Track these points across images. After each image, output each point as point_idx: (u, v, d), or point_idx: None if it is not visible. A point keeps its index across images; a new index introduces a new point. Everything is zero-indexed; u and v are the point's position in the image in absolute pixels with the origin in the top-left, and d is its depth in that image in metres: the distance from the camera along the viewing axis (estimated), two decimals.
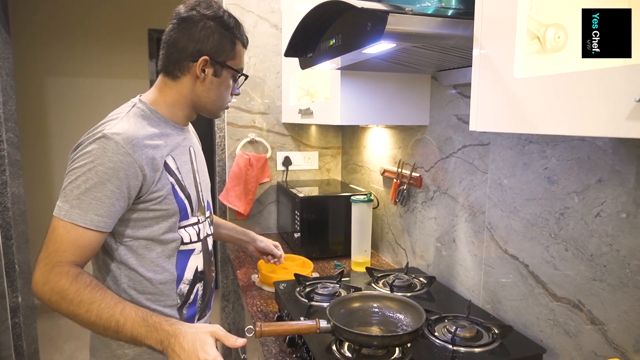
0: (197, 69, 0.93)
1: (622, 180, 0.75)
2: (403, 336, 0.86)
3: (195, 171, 1.03)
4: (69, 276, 0.80)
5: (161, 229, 0.92)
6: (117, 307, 0.80)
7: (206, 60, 0.93)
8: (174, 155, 0.95)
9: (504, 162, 1.03)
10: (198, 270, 1.02)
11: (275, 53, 2.00)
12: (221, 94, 0.99)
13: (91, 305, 0.79)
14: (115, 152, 0.82)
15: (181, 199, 0.95)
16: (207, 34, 0.93)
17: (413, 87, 1.32)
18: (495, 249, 1.07)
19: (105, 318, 0.79)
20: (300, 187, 1.86)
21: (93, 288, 0.81)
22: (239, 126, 2.01)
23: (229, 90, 1.01)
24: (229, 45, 0.96)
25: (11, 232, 2.06)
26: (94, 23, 3.29)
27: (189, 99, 0.98)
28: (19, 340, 2.14)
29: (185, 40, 0.93)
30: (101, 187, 0.81)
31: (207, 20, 0.93)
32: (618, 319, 0.77)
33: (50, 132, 3.29)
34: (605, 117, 0.47)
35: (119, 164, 0.82)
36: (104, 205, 0.82)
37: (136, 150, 0.85)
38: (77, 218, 0.81)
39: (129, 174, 0.84)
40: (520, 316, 1.00)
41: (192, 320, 1.02)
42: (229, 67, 0.97)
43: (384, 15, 0.70)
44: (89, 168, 0.81)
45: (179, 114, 0.99)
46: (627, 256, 0.75)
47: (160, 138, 0.93)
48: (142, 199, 0.88)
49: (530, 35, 0.61)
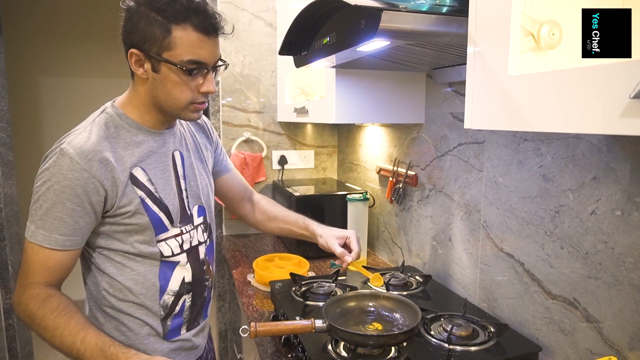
0: (131, 65, 0.83)
1: (617, 177, 0.75)
2: (399, 335, 0.85)
3: (179, 177, 0.95)
4: (37, 300, 0.79)
5: (137, 241, 0.88)
6: (79, 336, 0.78)
7: (136, 54, 0.80)
8: (144, 165, 0.88)
9: (499, 160, 1.03)
10: (185, 281, 0.96)
11: (271, 52, 1.99)
12: (170, 91, 0.83)
13: (55, 332, 0.78)
14: (70, 169, 0.78)
15: (154, 213, 0.88)
16: (135, 22, 0.79)
17: (408, 85, 1.32)
18: (491, 247, 1.07)
19: (67, 346, 0.78)
20: (296, 186, 1.85)
21: (59, 314, 0.79)
22: (234, 125, 2.00)
23: (182, 86, 0.83)
24: (160, 32, 0.78)
25: (4, 233, 2.04)
26: (87, 23, 3.26)
27: (147, 101, 0.87)
28: (13, 342, 2.12)
29: (122, 35, 0.82)
30: (60, 206, 0.78)
31: (136, 6, 0.79)
32: (613, 316, 0.77)
33: (44, 132, 3.27)
34: (599, 114, 0.46)
35: (74, 182, 0.78)
36: (66, 224, 0.79)
37: (93, 165, 0.80)
38: (42, 240, 0.79)
39: (88, 190, 0.80)
40: (516, 314, 1.00)
41: (178, 331, 0.97)
42: (166, 61, 0.79)
43: (377, 12, 0.70)
44: (47, 187, 0.78)
45: (147, 118, 0.89)
46: (622, 254, 0.75)
47: (126, 148, 0.86)
48: (110, 213, 0.84)
49: (525, 32, 0.61)
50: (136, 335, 0.92)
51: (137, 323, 0.92)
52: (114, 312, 0.91)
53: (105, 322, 0.92)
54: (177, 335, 0.97)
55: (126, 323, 0.92)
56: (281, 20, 1.87)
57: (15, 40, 3.07)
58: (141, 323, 0.92)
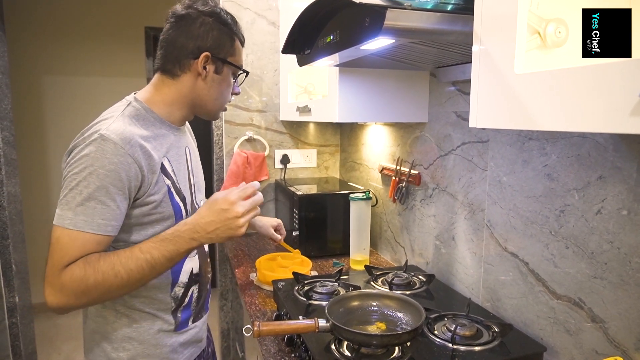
0: (198, 65, 0.91)
1: (623, 177, 0.75)
2: (402, 335, 0.85)
3: (190, 172, 1.01)
4: (78, 265, 0.78)
5: (156, 232, 0.90)
6: (135, 252, 0.81)
7: (207, 57, 0.91)
8: (169, 157, 0.93)
9: (504, 159, 1.03)
10: (193, 272, 1.00)
11: (273, 50, 1.99)
12: (222, 91, 0.97)
13: (114, 269, 0.79)
14: (114, 154, 0.80)
15: (177, 202, 0.93)
16: (207, 30, 0.91)
17: (412, 84, 1.31)
18: (495, 246, 1.07)
19: (135, 266, 0.80)
20: (298, 185, 1.85)
21: (104, 258, 0.80)
22: (236, 124, 2.00)
23: (229, 88, 0.99)
24: (229, 41, 0.94)
25: (7, 232, 2.05)
26: (90, 21, 3.27)
27: (189, 98, 0.95)
28: (16, 341, 2.13)
29: (184, 38, 0.91)
30: (104, 190, 0.79)
31: (205, 17, 0.91)
32: (619, 316, 0.76)
33: (47, 130, 3.27)
34: (607, 113, 0.46)
35: (119, 165, 0.80)
36: (109, 208, 0.80)
37: (135, 150, 0.83)
38: (83, 225, 0.78)
39: (130, 175, 0.82)
40: (520, 314, 0.99)
41: (186, 323, 1.00)
42: (230, 64, 0.95)
43: (382, 10, 0.69)
44: (90, 172, 0.79)
45: (177, 114, 0.96)
46: (628, 254, 0.74)
47: (156, 139, 0.90)
48: (140, 201, 0.86)
49: (531, 30, 0.61)
50: (147, 331, 0.93)
51: (148, 318, 0.93)
52: (125, 309, 0.92)
53: (116, 319, 0.92)
54: (186, 327, 1.00)
55: (137, 319, 0.93)
56: (284, 18, 1.87)
57: (18, 39, 3.08)
58: (152, 318, 0.94)
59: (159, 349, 0.94)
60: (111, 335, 0.92)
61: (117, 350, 0.92)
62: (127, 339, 0.92)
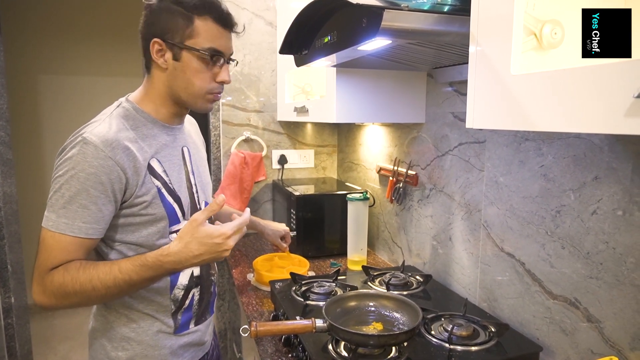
0: (153, 55, 0.86)
1: (619, 177, 0.75)
2: (399, 335, 0.85)
3: (189, 172, 0.99)
4: (59, 272, 0.80)
5: (150, 233, 0.89)
6: (114, 270, 0.81)
7: (158, 43, 0.85)
8: (159, 157, 0.91)
9: (500, 160, 1.03)
10: (194, 275, 0.99)
11: (271, 51, 1.99)
12: (190, 79, 0.88)
13: (92, 282, 0.80)
14: (95, 157, 0.80)
15: (169, 203, 0.91)
16: (156, 14, 0.86)
17: (409, 85, 1.32)
18: (492, 247, 1.07)
19: (112, 283, 0.80)
20: (296, 185, 1.85)
21: (84, 268, 0.81)
22: (234, 124, 2.00)
23: (201, 74, 0.88)
24: (182, 21, 0.84)
25: (3, 232, 2.04)
26: (87, 20, 3.26)
27: (164, 93, 0.91)
28: (11, 341, 2.12)
29: (142, 29, 0.87)
30: (84, 194, 0.79)
31: (160, 2, 0.86)
32: (614, 316, 0.77)
33: (43, 130, 3.26)
34: (603, 114, 0.46)
35: (99, 169, 0.80)
36: (90, 212, 0.80)
37: (116, 153, 0.82)
38: (64, 228, 0.80)
39: (112, 178, 0.81)
40: (517, 314, 1.00)
41: (187, 326, 0.99)
42: (189, 48, 0.85)
43: (379, 11, 0.70)
44: (71, 175, 0.79)
45: (162, 111, 0.93)
46: (623, 254, 0.75)
47: (144, 140, 0.89)
48: (128, 203, 0.86)
49: (527, 31, 0.61)
50: (146, 332, 0.93)
51: (147, 319, 0.93)
52: (124, 310, 0.92)
53: (116, 319, 0.92)
54: (186, 329, 0.99)
55: (136, 320, 0.93)
56: (281, 19, 1.87)
57: (15, 39, 3.06)
58: (151, 319, 0.94)
59: (157, 350, 0.94)
60: (111, 335, 0.92)
61: (117, 349, 0.92)
62: (126, 339, 0.92)
